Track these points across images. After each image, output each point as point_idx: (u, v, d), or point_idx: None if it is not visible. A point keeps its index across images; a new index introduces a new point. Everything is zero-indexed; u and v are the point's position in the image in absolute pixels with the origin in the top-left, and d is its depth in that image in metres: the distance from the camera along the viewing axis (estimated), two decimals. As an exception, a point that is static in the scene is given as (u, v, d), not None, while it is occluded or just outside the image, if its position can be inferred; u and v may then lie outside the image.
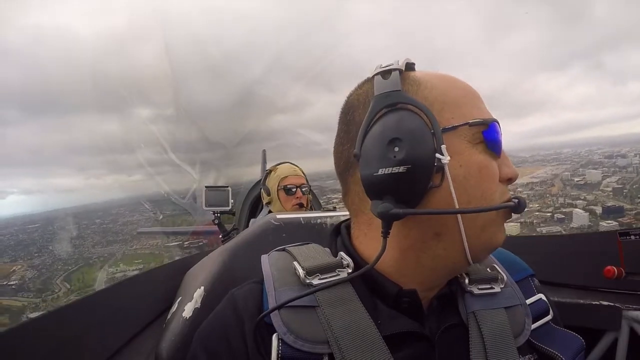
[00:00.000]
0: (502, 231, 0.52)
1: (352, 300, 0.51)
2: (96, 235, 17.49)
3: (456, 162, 0.47)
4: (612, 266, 1.06)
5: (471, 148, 0.49)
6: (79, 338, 0.80)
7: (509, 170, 0.52)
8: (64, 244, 16.39)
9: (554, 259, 1.28)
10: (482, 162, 0.49)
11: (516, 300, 0.56)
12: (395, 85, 0.48)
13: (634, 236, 1.06)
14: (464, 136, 0.49)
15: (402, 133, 0.46)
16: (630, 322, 1.03)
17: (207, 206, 2.18)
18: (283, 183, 1.88)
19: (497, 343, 0.50)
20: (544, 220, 16.96)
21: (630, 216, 15.71)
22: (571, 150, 22.52)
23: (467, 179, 0.48)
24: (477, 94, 0.54)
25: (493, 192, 0.49)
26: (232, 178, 8.52)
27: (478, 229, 0.49)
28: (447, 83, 0.53)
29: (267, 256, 0.60)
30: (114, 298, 1.01)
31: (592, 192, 18.37)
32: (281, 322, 0.48)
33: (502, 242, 0.52)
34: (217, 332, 0.53)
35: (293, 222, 1.05)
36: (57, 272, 15.77)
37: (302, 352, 0.47)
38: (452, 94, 0.51)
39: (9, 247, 17.94)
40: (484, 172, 0.49)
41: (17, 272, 15.91)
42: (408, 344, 0.49)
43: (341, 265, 0.53)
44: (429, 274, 0.52)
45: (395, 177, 0.45)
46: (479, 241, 0.50)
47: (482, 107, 0.53)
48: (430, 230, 0.49)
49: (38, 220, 20.28)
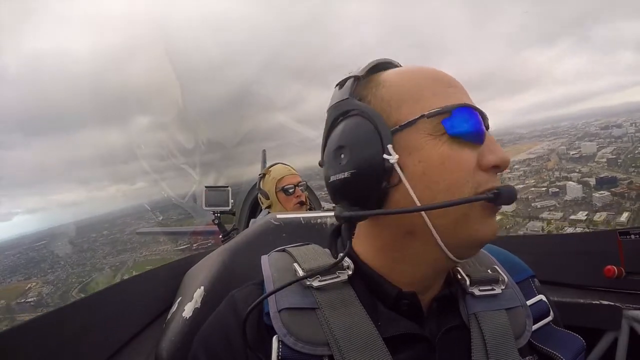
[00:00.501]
0: (487, 225, 0.48)
1: (353, 302, 0.51)
2: (105, 246, 17.80)
3: (415, 158, 0.47)
4: (612, 266, 1.06)
5: (433, 141, 0.47)
6: (79, 338, 0.80)
7: (492, 157, 0.47)
8: (74, 258, 16.73)
9: (554, 259, 1.28)
10: (443, 154, 0.46)
11: (517, 301, 0.56)
12: (345, 94, 0.51)
13: (634, 235, 1.07)
14: (424, 130, 0.47)
15: (346, 140, 0.49)
16: (630, 322, 1.03)
17: (207, 206, 2.18)
18: (280, 184, 1.87)
19: (499, 344, 0.50)
20: (539, 195, 16.99)
21: (623, 186, 15.69)
22: (568, 124, 22.64)
23: (427, 174, 0.46)
24: (447, 81, 0.51)
25: (462, 184, 0.46)
26: (232, 178, 8.51)
27: (451, 225, 0.47)
28: (408, 77, 0.51)
29: (267, 257, 0.60)
30: (114, 298, 1.01)
31: (587, 164, 18.43)
32: (281, 323, 0.48)
33: (489, 237, 0.49)
34: (217, 333, 0.53)
35: (293, 222, 1.05)
36: (72, 285, 16.09)
37: (303, 354, 0.47)
38: (411, 88, 0.50)
39: (21, 266, 18.36)
40: (447, 164, 0.46)
41: (32, 289, 16.21)
42: (408, 345, 0.49)
43: (341, 267, 0.53)
44: (413, 272, 0.51)
45: (343, 182, 0.48)
46: (456, 237, 0.47)
47: (450, 93, 0.49)
48: (401, 230, 0.49)
49: (45, 237, 20.65)
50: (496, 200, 0.46)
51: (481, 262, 0.60)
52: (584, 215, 15.00)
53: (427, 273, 0.51)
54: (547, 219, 15.54)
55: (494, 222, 0.49)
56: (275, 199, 1.88)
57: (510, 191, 0.47)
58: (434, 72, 0.52)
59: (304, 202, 1.85)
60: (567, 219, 15.18)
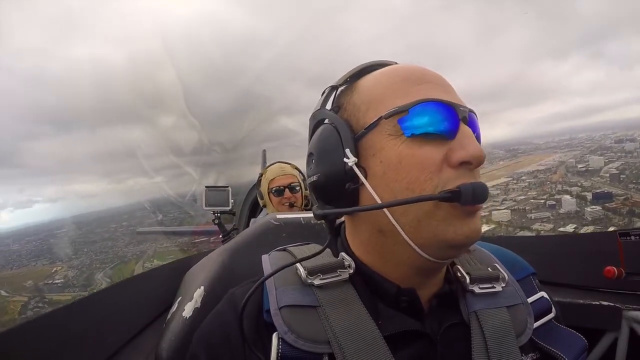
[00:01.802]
0: (456, 226, 0.46)
1: (353, 301, 0.51)
2: (125, 236, 18.36)
3: (377, 159, 0.48)
4: (612, 266, 1.07)
5: (393, 140, 0.47)
6: (79, 338, 0.80)
7: (460, 153, 0.45)
8: (97, 246, 17.44)
9: (554, 259, 1.28)
10: (401, 153, 0.46)
11: (518, 299, 0.56)
12: (319, 104, 0.56)
13: (634, 236, 1.07)
14: (386, 130, 0.48)
15: (315, 147, 0.53)
16: (630, 322, 1.03)
17: (207, 206, 2.18)
18: (271, 185, 1.88)
19: (499, 342, 0.50)
20: (536, 206, 17.11)
21: (617, 202, 15.82)
22: (586, 135, 22.60)
23: (386, 174, 0.47)
24: (416, 78, 0.50)
25: (422, 182, 0.45)
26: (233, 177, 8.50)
27: (413, 224, 0.46)
28: (378, 79, 0.52)
29: (268, 256, 0.60)
30: (114, 298, 1.01)
31: (591, 179, 18.52)
32: (282, 321, 0.48)
33: (459, 239, 0.46)
34: (216, 331, 0.53)
35: (293, 222, 1.05)
36: (96, 269, 17.00)
37: (303, 351, 0.47)
38: (378, 90, 0.51)
39: (44, 251, 19.79)
40: (405, 163, 0.46)
41: (58, 272, 17.41)
42: (409, 343, 0.49)
43: (342, 266, 0.53)
44: (398, 269, 0.51)
45: (314, 185, 0.53)
46: (421, 236, 0.47)
47: (416, 91, 0.48)
48: (374, 228, 0.51)
49: (65, 225, 21.49)
50: (456, 199, 0.44)
51: (481, 260, 0.60)
52: (572, 228, 15.33)
53: (410, 271, 0.51)
54: (538, 229, 15.88)
55: (467, 222, 0.46)
56: (267, 199, 1.90)
57: (476, 189, 0.44)
58: (406, 71, 0.52)
59: (294, 204, 1.84)
60: (556, 230, 15.51)
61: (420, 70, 0.52)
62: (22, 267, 19.62)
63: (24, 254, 20.28)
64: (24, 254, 20.28)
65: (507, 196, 18.34)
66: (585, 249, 1.28)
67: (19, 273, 19.00)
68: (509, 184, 19.65)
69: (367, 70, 0.56)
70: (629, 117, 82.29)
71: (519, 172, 20.96)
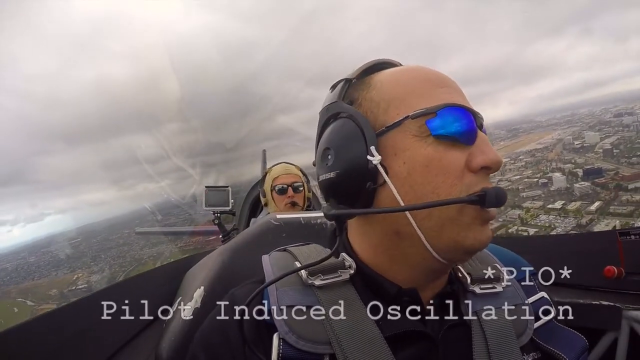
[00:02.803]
0: (476, 232, 0.47)
1: (354, 301, 0.51)
2: (140, 240, 18.49)
3: (400, 159, 0.47)
4: (612, 266, 1.07)
5: (418, 142, 0.46)
6: (79, 338, 0.80)
7: (481, 159, 0.46)
8: (113, 252, 17.95)
9: (554, 259, 1.28)
10: (429, 155, 0.46)
11: (518, 299, 0.56)
12: (335, 97, 0.53)
13: (634, 236, 1.07)
14: (409, 131, 0.47)
15: (332, 142, 0.50)
16: (630, 322, 1.03)
17: (207, 206, 2.18)
18: (274, 183, 1.89)
19: (500, 342, 0.50)
20: (529, 185, 17.22)
21: (607, 177, 15.97)
22: (587, 110, 22.35)
23: (411, 176, 0.46)
24: (437, 81, 0.50)
25: (449, 187, 0.45)
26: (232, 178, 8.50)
27: (436, 228, 0.46)
28: (398, 78, 0.51)
29: (268, 256, 0.60)
30: (114, 298, 1.01)
31: (585, 155, 18.56)
32: (283, 321, 0.48)
33: (477, 246, 0.47)
34: (216, 332, 0.53)
35: (293, 222, 1.05)
36: (117, 273, 17.51)
37: (304, 352, 0.47)
38: (399, 90, 0.50)
39: (62, 261, 20.29)
40: (432, 166, 0.46)
41: (80, 278, 17.98)
42: (410, 343, 0.49)
43: (343, 266, 0.53)
44: (406, 272, 0.51)
45: (329, 182, 0.50)
46: (441, 241, 0.46)
47: (439, 94, 0.48)
48: (390, 229, 0.50)
49: (79, 234, 22.08)
50: (481, 202, 0.44)
51: (482, 260, 0.60)
52: (560, 204, 15.53)
53: (419, 273, 0.51)
54: (527, 207, 16.09)
55: (484, 230, 0.47)
56: (270, 197, 1.91)
57: (498, 193, 0.45)
58: (426, 72, 0.52)
59: (296, 203, 1.85)
60: (545, 207, 15.76)
61: (437, 73, 0.52)
62: (42, 277, 20.13)
63: (43, 265, 20.76)
64: (43, 265, 20.76)
65: (502, 176, 18.34)
66: (585, 249, 1.28)
67: (41, 283, 19.52)
68: (506, 164, 19.54)
69: (379, 67, 0.55)
70: (632, 89, 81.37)
71: (517, 151, 20.91)
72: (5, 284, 19.44)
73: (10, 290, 18.95)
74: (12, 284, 19.44)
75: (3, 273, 20.34)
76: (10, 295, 18.22)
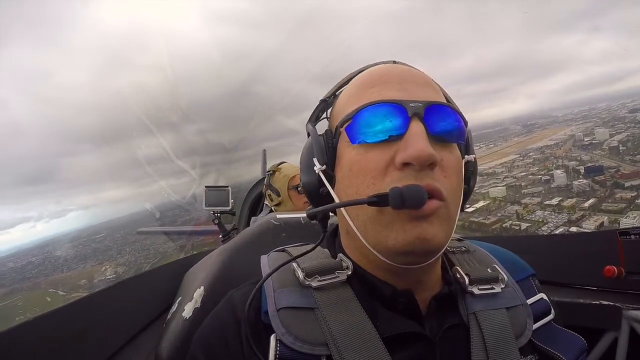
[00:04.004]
0: (396, 231, 0.45)
1: (351, 302, 0.50)
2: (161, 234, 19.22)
3: (340, 166, 0.52)
4: (612, 266, 1.06)
5: (347, 148, 0.50)
6: (79, 338, 0.80)
7: (401, 155, 0.45)
8: (137, 245, 18.79)
9: (554, 259, 1.28)
10: (352, 159, 0.49)
11: (517, 300, 0.56)
12: (310, 117, 0.60)
13: (634, 235, 1.06)
14: (344, 139, 0.51)
15: (301, 156, 0.57)
16: (630, 321, 1.03)
17: (207, 206, 2.18)
18: (292, 183, 1.86)
19: (498, 344, 0.50)
20: (532, 182, 17.35)
21: (607, 175, 16.09)
22: (605, 105, 21.96)
23: (342, 180, 0.51)
24: (372, 81, 0.51)
25: (367, 187, 0.46)
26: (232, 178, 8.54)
27: (362, 228, 0.48)
28: (348, 88, 0.56)
29: (267, 257, 0.60)
30: (114, 298, 1.01)
31: (592, 152, 18.53)
32: (280, 322, 0.48)
33: (401, 245, 0.44)
34: (215, 333, 0.53)
35: (293, 222, 1.05)
36: (142, 264, 18.15)
37: (301, 353, 0.47)
38: (343, 100, 0.55)
39: (89, 255, 21.75)
40: (354, 168, 0.49)
41: (108, 269, 18.93)
42: (408, 345, 0.49)
43: (340, 267, 0.53)
44: (377, 271, 0.52)
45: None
46: (370, 241, 0.47)
47: (367, 95, 0.49)
48: (343, 229, 0.56)
49: (102, 230, 22.84)
50: (381, 203, 0.43)
51: (480, 260, 0.60)
52: (556, 200, 15.73)
53: (385, 273, 0.51)
54: (525, 203, 16.34)
55: (409, 229, 0.44)
56: (286, 196, 1.87)
57: (405, 193, 0.42)
58: (365, 75, 0.54)
59: None
60: (542, 203, 15.94)
61: (379, 71, 0.53)
62: (71, 270, 20.93)
63: (70, 259, 21.75)
64: (70, 258, 21.76)
65: (509, 173, 18.39)
66: (585, 249, 1.28)
67: (70, 275, 20.35)
68: (515, 160, 19.56)
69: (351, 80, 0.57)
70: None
71: (528, 148, 20.66)
72: (34, 277, 20.17)
73: (40, 282, 19.73)
74: (41, 277, 20.25)
75: (30, 266, 21.15)
76: (40, 287, 18.97)
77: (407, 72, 0.52)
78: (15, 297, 17.65)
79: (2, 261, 21.63)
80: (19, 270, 21.02)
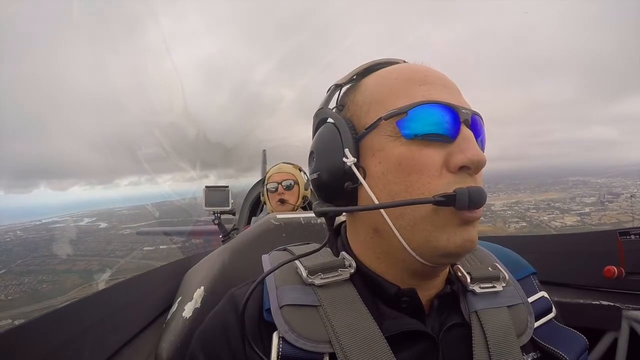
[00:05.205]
0: (448, 233, 0.45)
1: (354, 300, 0.51)
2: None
3: (376, 159, 0.48)
4: (612, 266, 1.07)
5: (392, 142, 0.47)
6: (79, 338, 0.80)
7: (459, 157, 0.44)
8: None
9: (554, 259, 1.28)
10: (401, 154, 0.46)
11: (518, 298, 0.56)
12: (322, 102, 0.57)
13: (634, 236, 1.07)
14: (385, 131, 0.48)
15: (316, 146, 0.54)
16: (630, 322, 1.03)
17: (207, 206, 2.18)
18: (267, 182, 1.95)
19: (500, 342, 0.50)
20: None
21: None
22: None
23: (385, 175, 0.47)
24: (419, 79, 0.50)
25: (422, 186, 0.45)
26: (232, 178, 8.54)
27: (408, 227, 0.46)
28: (382, 79, 0.52)
29: (268, 256, 0.60)
30: (113, 298, 1.01)
31: None
32: (283, 320, 0.48)
33: (451, 247, 0.45)
34: (216, 332, 0.53)
35: (293, 222, 1.05)
36: (188, 248, 19.91)
37: (304, 351, 0.47)
38: (380, 90, 0.51)
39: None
40: (404, 165, 0.46)
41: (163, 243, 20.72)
42: (411, 343, 0.49)
43: (343, 265, 0.53)
44: (393, 270, 0.51)
45: (314, 183, 0.54)
46: (414, 240, 0.46)
47: (418, 92, 0.48)
48: (370, 227, 0.51)
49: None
50: (449, 203, 0.43)
51: (482, 259, 0.60)
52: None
53: (404, 273, 0.51)
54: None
55: (462, 232, 0.45)
56: (266, 196, 1.96)
57: (472, 194, 0.43)
58: (409, 71, 0.51)
59: (284, 200, 1.87)
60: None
61: (423, 70, 0.51)
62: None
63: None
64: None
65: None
66: (585, 249, 1.28)
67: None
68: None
69: (372, 69, 0.55)
70: None
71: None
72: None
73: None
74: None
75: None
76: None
77: (444, 76, 0.52)
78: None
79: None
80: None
